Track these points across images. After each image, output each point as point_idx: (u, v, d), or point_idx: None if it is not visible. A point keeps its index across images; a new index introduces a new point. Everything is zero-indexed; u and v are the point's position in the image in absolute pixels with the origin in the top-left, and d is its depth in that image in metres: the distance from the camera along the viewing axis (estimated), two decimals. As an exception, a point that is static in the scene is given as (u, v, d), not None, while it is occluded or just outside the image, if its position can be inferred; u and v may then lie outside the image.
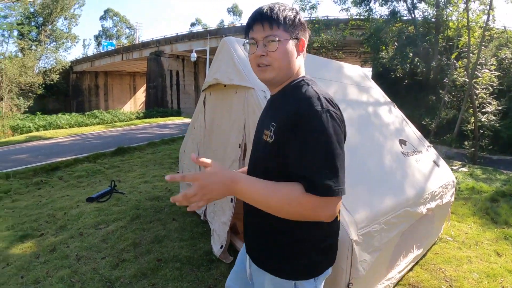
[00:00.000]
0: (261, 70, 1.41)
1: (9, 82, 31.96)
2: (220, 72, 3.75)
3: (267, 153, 1.39)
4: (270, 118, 1.43)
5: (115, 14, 69.91)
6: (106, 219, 5.06)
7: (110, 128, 22.43)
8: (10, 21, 36.29)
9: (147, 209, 5.42)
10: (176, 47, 36.85)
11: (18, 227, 5.13)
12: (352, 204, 2.56)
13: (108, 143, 14.56)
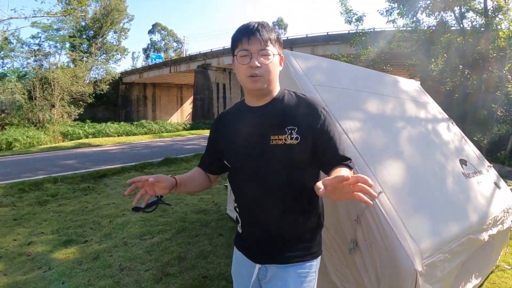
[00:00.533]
0: (253, 80, 1.51)
1: (61, 91, 33.45)
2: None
3: (296, 153, 1.51)
4: (281, 124, 1.54)
5: (163, 28, 71.72)
6: (151, 230, 5.04)
7: (158, 138, 22.80)
8: (62, 34, 37.85)
9: (193, 222, 5.36)
10: (222, 60, 37.26)
11: (62, 232, 5.19)
12: (417, 231, 2.38)
13: (155, 153, 14.72)
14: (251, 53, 1.50)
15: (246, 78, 1.52)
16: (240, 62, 1.52)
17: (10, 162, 13.14)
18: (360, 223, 2.45)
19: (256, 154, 1.56)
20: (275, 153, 1.53)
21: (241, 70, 1.53)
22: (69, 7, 27.37)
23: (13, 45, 35.76)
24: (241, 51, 1.51)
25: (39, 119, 31.85)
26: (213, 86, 38.38)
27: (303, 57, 3.55)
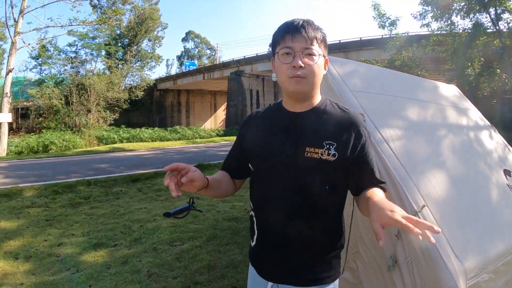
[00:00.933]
0: (296, 82, 1.38)
1: (97, 96, 34.48)
2: None
3: (330, 170, 1.41)
4: (319, 137, 1.43)
5: (196, 36, 72.68)
6: (182, 237, 4.98)
7: (191, 144, 23.00)
8: (98, 42, 39.10)
9: (224, 230, 5.27)
10: (256, 67, 37.41)
11: (93, 235, 5.22)
12: (461, 249, 2.20)
13: (188, 158, 14.83)
14: (294, 52, 1.37)
15: (287, 79, 1.39)
16: (282, 61, 1.39)
17: (46, 164, 13.51)
18: (400, 238, 2.29)
19: (288, 163, 1.44)
20: (309, 166, 1.41)
21: (282, 70, 1.40)
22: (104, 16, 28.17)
23: (51, 53, 37.19)
24: (284, 49, 1.38)
25: (76, 124, 32.85)
26: (246, 93, 38.45)
27: (340, 62, 3.42)
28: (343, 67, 3.32)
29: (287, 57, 1.38)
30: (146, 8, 42.80)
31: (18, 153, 21.25)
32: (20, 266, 4.28)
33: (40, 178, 9.67)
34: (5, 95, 21.50)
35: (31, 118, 35.03)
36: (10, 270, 4.17)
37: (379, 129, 2.62)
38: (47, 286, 3.71)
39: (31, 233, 5.46)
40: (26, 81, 37.52)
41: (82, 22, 24.81)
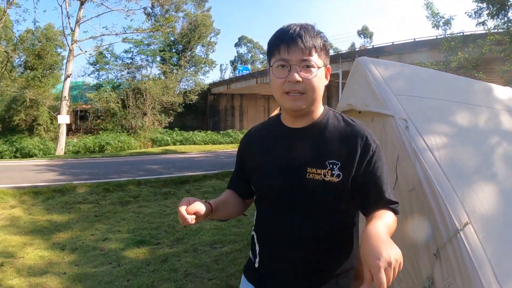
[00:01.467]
0: (293, 99, 1.24)
1: (152, 100, 35.67)
2: (355, 96, 3.31)
3: (331, 192, 1.26)
4: (320, 156, 1.28)
5: (249, 41, 73.27)
6: (223, 239, 4.98)
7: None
8: (153, 48, 40.60)
9: None
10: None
11: (137, 232, 5.35)
12: (505, 274, 1.95)
13: None
14: (290, 65, 1.22)
15: (283, 95, 1.26)
16: (277, 75, 1.25)
17: (99, 163, 14.12)
18: (439, 258, 2.10)
19: (289, 186, 1.30)
20: (311, 189, 1.27)
21: (277, 85, 1.26)
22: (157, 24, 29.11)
23: (108, 59, 39.03)
24: (279, 61, 1.24)
25: (132, 126, 34.08)
26: (298, 98, 38.18)
27: (384, 64, 3.29)
28: (387, 70, 3.19)
29: (283, 70, 1.24)
30: (199, 15, 43.74)
31: (75, 153, 22.42)
32: (65, 257, 4.52)
33: (93, 177, 10.11)
34: (63, 98, 22.93)
35: (89, 120, 36.76)
36: (56, 260, 4.42)
37: (423, 136, 2.46)
38: (88, 277, 3.87)
39: (79, 227, 5.73)
40: (85, 86, 39.42)
41: (136, 30, 25.97)
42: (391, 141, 2.62)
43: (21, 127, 34.34)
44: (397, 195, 2.46)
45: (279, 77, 1.24)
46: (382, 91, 2.86)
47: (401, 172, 2.46)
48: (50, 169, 12.01)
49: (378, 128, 2.84)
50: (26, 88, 33.10)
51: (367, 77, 3.04)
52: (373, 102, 2.92)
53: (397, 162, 2.50)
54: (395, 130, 2.57)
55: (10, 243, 5.02)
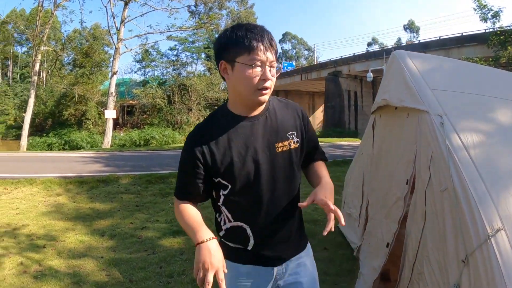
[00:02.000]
0: (264, 94, 1.43)
1: (197, 96, 36.39)
2: (390, 91, 3.24)
3: (296, 155, 1.60)
4: (282, 131, 1.56)
5: (293, 37, 73.30)
6: None
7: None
8: (197, 45, 41.77)
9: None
10: (353, 67, 36.32)
11: (175, 223, 5.42)
12: None
13: None
14: (263, 64, 1.40)
15: (255, 91, 1.41)
16: (253, 73, 1.39)
17: (144, 156, 14.52)
18: (468, 265, 1.96)
19: (265, 166, 1.51)
20: (283, 159, 1.55)
21: (250, 81, 1.40)
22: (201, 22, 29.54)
23: (153, 56, 40.39)
24: (254, 61, 1.38)
25: (177, 121, 34.86)
26: (344, 94, 37.36)
27: (421, 57, 3.19)
28: (424, 63, 3.08)
29: (257, 69, 1.39)
30: (242, 12, 44.21)
31: (121, 146, 23.15)
32: (104, 243, 4.71)
33: (136, 169, 10.40)
34: (110, 94, 23.79)
35: (136, 115, 37.99)
36: (95, 245, 4.63)
37: (459, 133, 2.33)
38: (123, 262, 4.03)
39: (120, 216, 5.94)
40: (132, 82, 40.78)
41: (180, 28, 26.34)
42: (426, 138, 2.52)
43: (70, 121, 36.13)
44: (429, 195, 2.43)
45: (254, 76, 1.39)
46: (418, 85, 2.76)
47: (434, 170, 2.36)
48: (95, 161, 12.47)
49: (413, 124, 2.76)
50: (74, 85, 34.66)
51: (403, 71, 2.96)
52: (408, 97, 2.83)
53: (431, 160, 2.39)
54: (429, 127, 2.47)
55: (54, 228, 5.30)
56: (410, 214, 2.67)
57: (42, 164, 11.53)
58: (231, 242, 1.60)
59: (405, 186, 2.80)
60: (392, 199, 2.99)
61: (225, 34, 1.44)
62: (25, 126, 23.63)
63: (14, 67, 52.39)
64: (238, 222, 1.56)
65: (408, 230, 2.68)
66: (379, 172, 3.52)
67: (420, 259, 2.45)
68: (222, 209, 1.57)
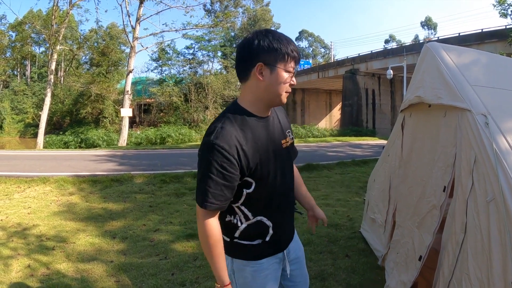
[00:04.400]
0: (287, 96, 1.61)
1: (214, 94, 36.46)
2: (424, 87, 2.94)
3: (292, 150, 1.85)
4: (283, 129, 1.76)
5: (310, 34, 72.86)
6: None
7: (302, 143, 22.47)
8: (214, 44, 41.92)
9: (321, 236, 4.81)
10: (371, 65, 35.70)
11: (189, 225, 5.26)
12: None
13: (298, 157, 14.11)
14: (294, 73, 1.58)
15: (284, 93, 1.58)
16: (287, 79, 1.56)
17: (159, 155, 14.41)
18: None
19: (279, 159, 1.67)
20: (287, 154, 1.76)
21: (283, 85, 1.56)
22: (216, 20, 29.49)
23: (170, 55, 40.62)
24: (290, 69, 1.55)
25: (194, 119, 35.00)
26: (362, 92, 36.81)
27: (456, 50, 2.90)
28: (460, 57, 2.81)
29: (288, 76, 1.56)
30: (258, 9, 44.24)
31: (137, 144, 23.17)
32: (115, 245, 4.54)
33: (151, 167, 10.27)
34: (126, 92, 23.78)
35: (152, 113, 38.26)
36: (105, 248, 4.47)
37: (506, 135, 2.08)
38: (134, 267, 3.85)
39: (133, 217, 5.77)
40: (148, 81, 41.11)
41: (195, 26, 26.15)
42: (467, 140, 2.25)
43: (87, 120, 36.58)
44: (471, 205, 2.12)
45: (285, 81, 1.56)
46: (456, 81, 2.49)
47: (478, 177, 2.10)
48: (110, 159, 12.38)
49: (452, 124, 2.48)
50: (91, 83, 34.97)
51: (439, 65, 2.68)
52: (445, 94, 2.56)
53: (474, 166, 2.13)
54: (472, 127, 2.21)
55: (64, 228, 5.18)
56: (447, 225, 2.39)
57: (57, 163, 11.47)
58: (248, 240, 1.67)
59: (441, 194, 2.52)
60: (426, 207, 2.72)
61: (266, 38, 1.51)
62: (41, 124, 23.81)
63: (32, 67, 53.14)
64: (258, 216, 1.65)
65: (444, 242, 2.41)
66: (409, 176, 3.23)
67: (458, 276, 2.18)
68: (239, 209, 1.63)
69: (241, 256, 1.67)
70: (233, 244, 1.65)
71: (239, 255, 1.67)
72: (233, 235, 1.65)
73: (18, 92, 46.27)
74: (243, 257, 1.66)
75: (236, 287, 1.70)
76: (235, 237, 1.65)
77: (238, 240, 1.65)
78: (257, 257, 1.68)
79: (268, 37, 1.51)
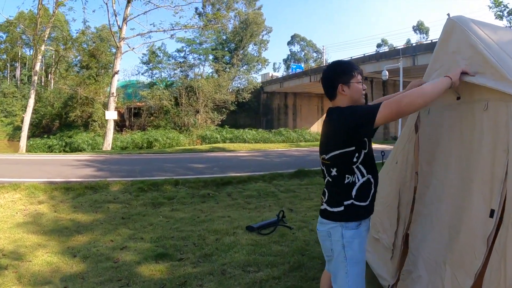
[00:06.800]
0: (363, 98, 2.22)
1: (204, 98, 36.10)
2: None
3: None
4: None
5: (302, 39, 73.10)
6: (260, 261, 4.00)
7: (294, 148, 21.90)
8: (205, 47, 41.33)
9: (314, 258, 4.08)
10: (364, 68, 35.23)
11: (161, 242, 4.65)
12: None
13: (288, 163, 13.47)
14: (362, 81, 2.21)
15: (361, 96, 2.20)
16: (360, 86, 2.19)
17: (142, 160, 13.78)
18: None
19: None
20: None
21: (359, 91, 2.19)
22: (206, 20, 28.97)
23: (160, 58, 40.26)
24: (360, 80, 2.19)
25: (184, 123, 34.62)
26: (354, 96, 36.65)
27: (489, 26, 2.29)
28: (497, 33, 2.19)
29: (361, 84, 2.21)
30: (250, 13, 44.08)
31: (123, 148, 22.46)
32: (74, 266, 3.96)
33: (130, 174, 9.60)
34: (111, 95, 22.88)
35: (143, 117, 37.71)
36: (63, 268, 3.92)
37: None
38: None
39: (101, 230, 5.19)
40: (139, 84, 40.76)
41: (184, 27, 25.38)
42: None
43: (77, 123, 35.86)
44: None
45: (361, 88, 2.20)
46: (499, 58, 1.86)
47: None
48: (89, 165, 11.68)
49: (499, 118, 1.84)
50: (78, 86, 34.32)
51: (474, 43, 2.02)
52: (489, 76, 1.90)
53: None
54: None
55: (25, 243, 4.62)
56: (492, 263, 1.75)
57: (33, 167, 10.79)
58: (361, 201, 2.08)
59: (488, 220, 1.85)
60: (464, 239, 2.05)
61: (339, 67, 2.30)
62: (24, 127, 23.00)
63: (22, 69, 52.42)
64: (369, 175, 2.11)
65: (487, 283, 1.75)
66: (432, 192, 2.52)
67: None
68: (358, 168, 2.08)
69: (356, 219, 2.08)
70: (351, 207, 2.06)
71: (356, 217, 2.08)
72: (352, 196, 2.07)
73: (8, 95, 45.72)
74: (357, 219, 2.08)
75: (346, 260, 2.07)
76: (353, 198, 2.06)
77: (355, 202, 2.06)
78: (364, 217, 2.12)
79: (340, 65, 2.32)
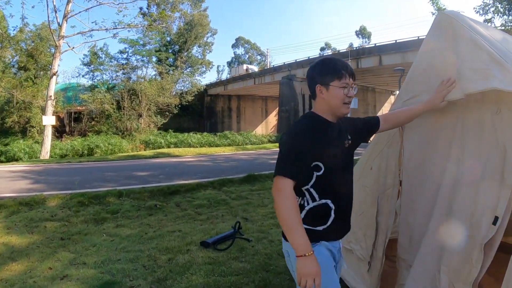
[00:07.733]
0: (347, 107, 1.95)
1: (148, 102, 35.26)
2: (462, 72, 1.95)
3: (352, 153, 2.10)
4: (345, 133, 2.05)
5: (246, 41, 73.55)
6: (221, 282, 3.60)
7: (241, 151, 21.64)
8: (148, 48, 40.00)
9: (280, 273, 3.74)
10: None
11: (107, 267, 4.10)
12: None
13: (237, 167, 13.21)
14: (349, 86, 1.92)
15: (342, 104, 1.93)
16: (341, 91, 1.91)
17: (82, 169, 12.97)
18: None
19: (344, 156, 2.02)
20: (347, 152, 2.04)
21: (339, 97, 1.91)
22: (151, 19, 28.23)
23: (102, 59, 38.65)
24: (343, 84, 1.90)
25: (127, 128, 33.53)
26: (298, 98, 36.81)
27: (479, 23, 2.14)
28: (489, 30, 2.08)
29: (344, 89, 1.91)
30: (195, 14, 43.69)
31: (62, 156, 21.10)
32: None
33: (69, 186, 8.86)
34: (49, 98, 21.31)
35: (83, 122, 36.06)
36: None
37: None
38: None
39: (38, 256, 4.53)
40: (79, 87, 38.96)
41: (128, 25, 24.44)
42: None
43: (14, 129, 33.40)
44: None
45: (341, 93, 1.92)
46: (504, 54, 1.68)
47: None
48: (24, 176, 10.76)
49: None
50: (15, 89, 32.06)
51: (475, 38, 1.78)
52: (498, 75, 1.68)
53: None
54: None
55: None
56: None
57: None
58: (313, 226, 1.93)
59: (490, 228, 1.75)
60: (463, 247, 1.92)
61: (320, 66, 2.01)
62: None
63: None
64: (325, 200, 1.93)
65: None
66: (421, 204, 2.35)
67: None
68: (308, 192, 1.91)
69: None
70: None
71: None
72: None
73: None
74: None
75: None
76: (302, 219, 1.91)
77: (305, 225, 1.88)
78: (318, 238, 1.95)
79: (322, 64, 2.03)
